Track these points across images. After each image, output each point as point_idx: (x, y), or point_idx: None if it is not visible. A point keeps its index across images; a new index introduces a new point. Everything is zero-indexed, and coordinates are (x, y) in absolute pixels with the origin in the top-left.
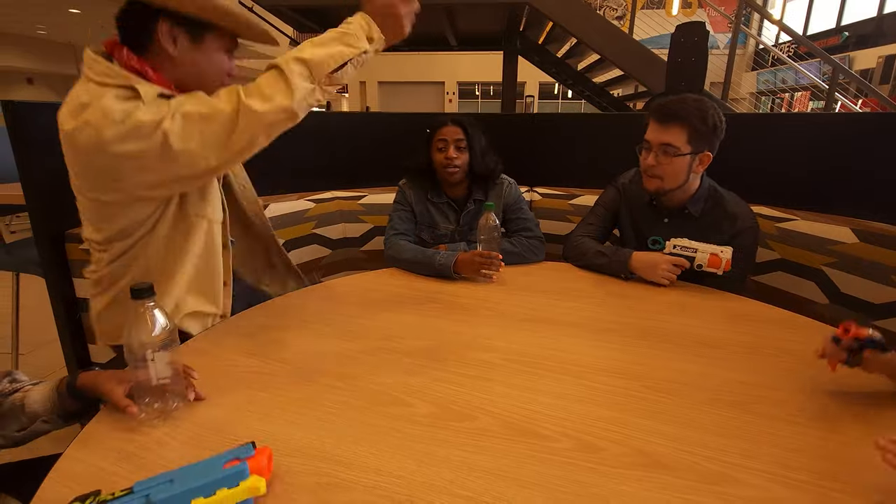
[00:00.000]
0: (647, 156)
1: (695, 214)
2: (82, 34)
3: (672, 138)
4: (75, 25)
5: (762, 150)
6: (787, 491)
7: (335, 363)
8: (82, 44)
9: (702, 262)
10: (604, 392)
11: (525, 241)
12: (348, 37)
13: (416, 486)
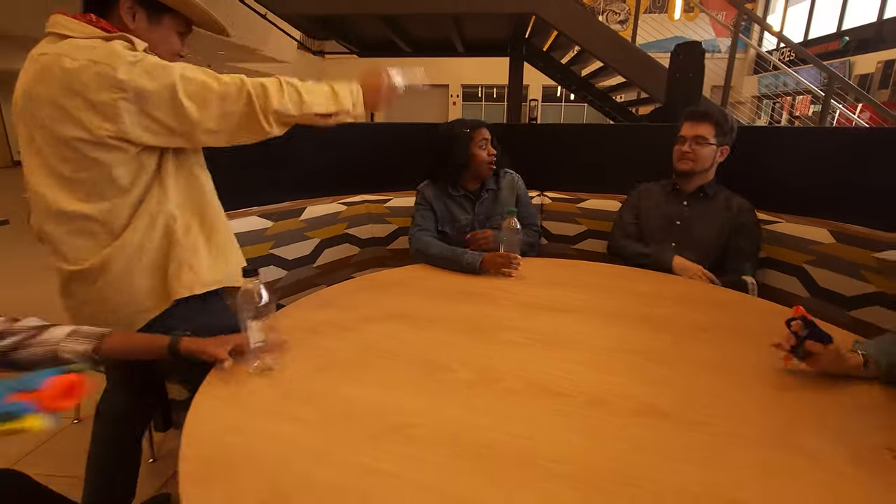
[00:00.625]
0: (683, 145)
1: (710, 195)
2: None
3: (703, 131)
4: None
5: (751, 159)
6: (743, 428)
7: (389, 340)
8: None
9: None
10: (610, 363)
11: (534, 233)
12: (339, 99)
13: (463, 427)
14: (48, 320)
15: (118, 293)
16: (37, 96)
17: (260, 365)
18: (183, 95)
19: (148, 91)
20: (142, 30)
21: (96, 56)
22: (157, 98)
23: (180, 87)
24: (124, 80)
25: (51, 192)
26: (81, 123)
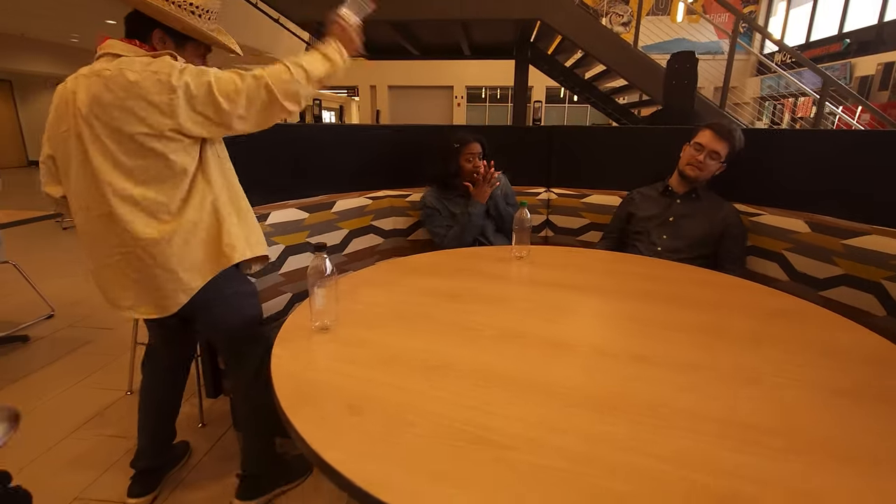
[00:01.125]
0: (699, 154)
1: (701, 197)
2: None
3: (720, 148)
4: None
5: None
6: (718, 369)
7: (420, 308)
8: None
9: None
10: (608, 325)
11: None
12: (330, 58)
13: (493, 367)
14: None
15: (179, 262)
16: (106, 103)
17: (321, 324)
18: (217, 92)
19: (192, 89)
20: (159, 48)
21: (153, 68)
22: (201, 94)
23: (214, 86)
24: (176, 84)
25: (118, 180)
26: (145, 121)
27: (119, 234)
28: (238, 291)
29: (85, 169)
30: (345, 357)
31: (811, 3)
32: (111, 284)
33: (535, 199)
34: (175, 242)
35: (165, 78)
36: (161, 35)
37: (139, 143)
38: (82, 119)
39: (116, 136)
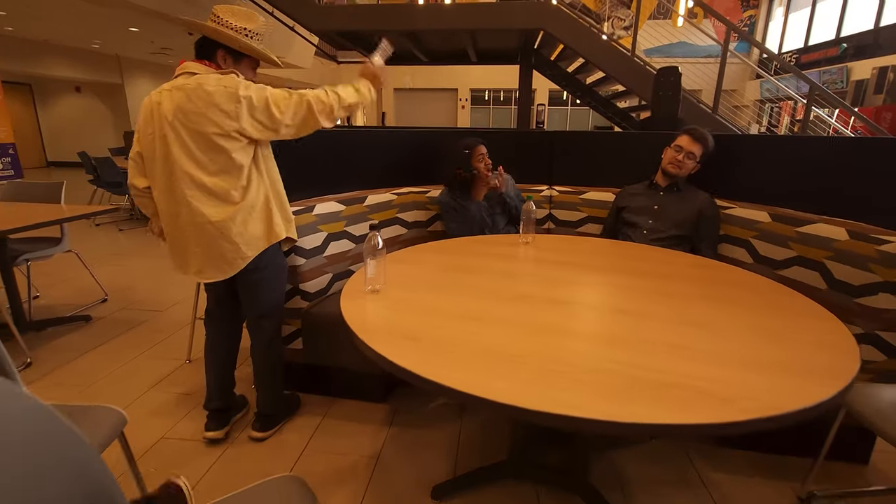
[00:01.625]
0: (678, 154)
1: (681, 189)
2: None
3: (695, 150)
4: (128, 41)
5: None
6: (678, 320)
7: (447, 280)
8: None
9: None
10: (598, 291)
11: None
12: (360, 92)
13: (514, 318)
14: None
15: (239, 237)
16: (188, 110)
17: (372, 287)
18: (272, 105)
19: (254, 101)
20: (230, 68)
21: (224, 83)
22: (260, 106)
23: (270, 100)
24: (242, 95)
25: (195, 171)
26: (216, 123)
27: (193, 213)
28: (279, 263)
29: (167, 163)
30: (396, 309)
31: (809, 7)
32: (183, 253)
33: (539, 195)
34: (237, 221)
35: (233, 91)
36: (223, 54)
37: (211, 141)
38: (167, 123)
39: (194, 136)
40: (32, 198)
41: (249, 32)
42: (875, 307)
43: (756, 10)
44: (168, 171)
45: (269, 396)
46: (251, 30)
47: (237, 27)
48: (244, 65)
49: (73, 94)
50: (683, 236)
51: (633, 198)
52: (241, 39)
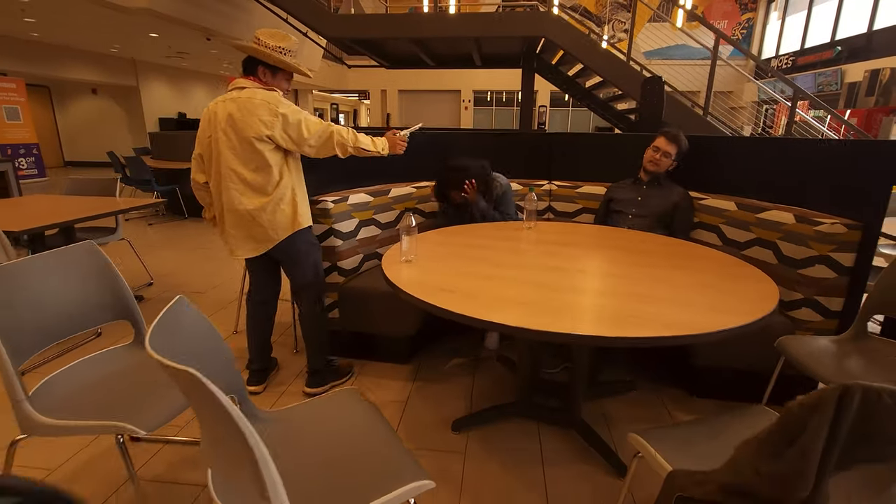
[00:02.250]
0: (655, 154)
1: (661, 184)
2: (149, 52)
3: (670, 150)
4: (146, 45)
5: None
6: (651, 282)
7: (465, 254)
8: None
9: None
10: (588, 260)
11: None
12: (376, 145)
13: (521, 280)
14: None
15: (269, 223)
16: (237, 118)
17: (406, 259)
18: (303, 126)
19: (288, 118)
20: (269, 80)
21: (267, 98)
22: (293, 124)
23: (303, 122)
24: (280, 112)
25: (239, 167)
26: (255, 129)
27: (234, 202)
28: (310, 242)
29: (219, 161)
30: (428, 272)
31: (806, 10)
32: (230, 236)
33: (540, 189)
34: (267, 210)
35: (274, 107)
36: (263, 69)
37: (251, 144)
38: (220, 129)
39: (240, 140)
40: (90, 192)
41: (283, 50)
42: (813, 276)
43: (754, 13)
44: (219, 168)
45: (315, 355)
46: (284, 47)
47: (273, 46)
48: (280, 77)
49: (89, 95)
50: (662, 223)
51: (620, 191)
52: (276, 56)
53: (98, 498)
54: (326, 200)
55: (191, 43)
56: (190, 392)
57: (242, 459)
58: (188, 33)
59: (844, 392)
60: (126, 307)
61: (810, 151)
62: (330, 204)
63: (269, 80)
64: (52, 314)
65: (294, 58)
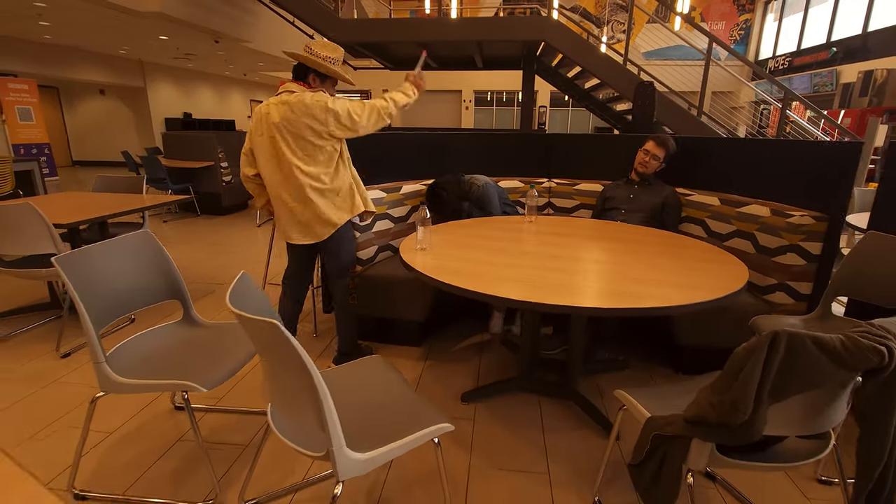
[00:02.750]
0: (645, 157)
1: (651, 183)
2: (157, 53)
3: (659, 153)
4: (154, 47)
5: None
6: (639, 266)
7: (473, 243)
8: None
9: None
10: (582, 248)
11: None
12: (409, 93)
13: (520, 262)
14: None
15: (326, 212)
16: (291, 119)
17: (421, 247)
18: (353, 113)
19: (338, 111)
20: (317, 85)
21: (317, 98)
22: (343, 115)
23: (351, 110)
24: (331, 107)
25: (297, 162)
26: (311, 128)
27: (294, 192)
28: (349, 235)
29: (277, 158)
30: (442, 258)
31: (802, 12)
32: (286, 223)
33: (540, 186)
34: (327, 197)
35: (324, 105)
36: (313, 76)
37: (308, 140)
38: (275, 128)
39: (295, 138)
40: (118, 189)
41: (332, 59)
42: (785, 263)
43: (752, 14)
44: (278, 164)
45: (346, 338)
46: (334, 58)
47: (324, 56)
48: (328, 83)
49: (97, 96)
50: (652, 219)
51: (614, 189)
52: (326, 65)
53: (156, 453)
54: None
55: (199, 45)
56: (266, 342)
57: (306, 399)
58: (197, 35)
59: (774, 338)
60: (177, 288)
61: (783, 151)
62: None
63: (318, 85)
64: (119, 291)
65: (341, 66)
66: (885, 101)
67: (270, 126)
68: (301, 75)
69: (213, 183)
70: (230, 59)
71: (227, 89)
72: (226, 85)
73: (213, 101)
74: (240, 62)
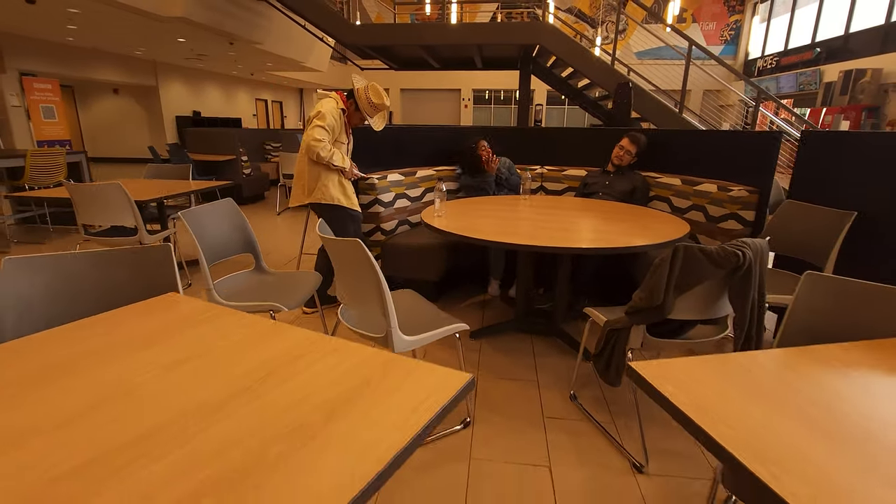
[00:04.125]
0: (620, 151)
1: (624, 172)
2: (171, 54)
3: (632, 149)
4: (169, 48)
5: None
6: (608, 226)
7: (480, 213)
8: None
9: None
10: (570, 218)
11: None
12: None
13: (517, 227)
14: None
15: (333, 192)
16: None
17: (438, 213)
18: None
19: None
20: (351, 111)
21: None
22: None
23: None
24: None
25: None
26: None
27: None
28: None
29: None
30: (455, 221)
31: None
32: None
33: (534, 172)
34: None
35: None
36: (351, 102)
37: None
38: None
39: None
40: (168, 176)
41: (372, 103)
42: (727, 228)
43: (742, 14)
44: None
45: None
46: (374, 103)
47: (367, 98)
48: (357, 115)
49: (111, 95)
50: (623, 201)
51: (593, 177)
52: (364, 104)
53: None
54: (373, 178)
55: (213, 46)
56: (348, 255)
57: (374, 294)
58: (213, 38)
59: (675, 250)
60: (251, 243)
61: (725, 140)
62: (375, 180)
63: (351, 111)
64: (217, 241)
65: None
66: (863, 100)
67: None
68: (349, 95)
69: (234, 175)
70: (240, 59)
71: (234, 88)
72: (233, 84)
73: (221, 99)
74: (249, 62)
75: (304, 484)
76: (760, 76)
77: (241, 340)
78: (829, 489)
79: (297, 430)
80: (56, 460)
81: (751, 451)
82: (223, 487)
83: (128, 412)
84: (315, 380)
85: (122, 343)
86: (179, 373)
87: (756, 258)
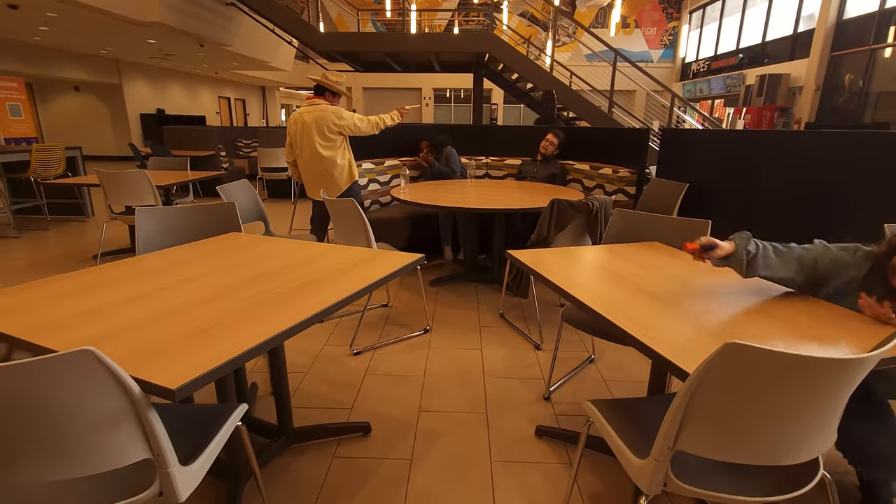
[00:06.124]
0: (545, 143)
1: (548, 161)
2: (136, 53)
3: (555, 141)
4: (135, 48)
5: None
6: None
7: (445, 189)
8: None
9: None
10: (505, 190)
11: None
12: (393, 119)
13: (472, 194)
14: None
15: (339, 178)
16: (316, 121)
17: (404, 191)
18: (358, 122)
19: (348, 122)
20: (331, 99)
21: (333, 109)
22: (349, 122)
23: (357, 121)
24: (344, 116)
25: (321, 148)
26: (330, 127)
27: (319, 167)
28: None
29: (308, 146)
30: (418, 194)
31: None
32: (312, 188)
33: (480, 161)
34: (338, 169)
35: (339, 114)
36: (329, 94)
37: (326, 134)
38: (307, 126)
39: (320, 132)
40: (167, 168)
41: (339, 83)
42: (617, 200)
43: (679, 21)
44: (309, 149)
45: None
46: (340, 82)
47: (336, 81)
48: (336, 98)
49: (71, 93)
50: (548, 182)
51: (526, 165)
52: (337, 87)
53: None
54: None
55: (183, 47)
56: (344, 210)
57: (361, 232)
58: (184, 40)
59: (552, 202)
60: (261, 213)
61: (615, 134)
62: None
63: (331, 99)
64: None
65: (344, 86)
66: (776, 101)
67: (305, 125)
68: (321, 93)
69: (213, 169)
70: (207, 59)
71: (197, 86)
72: (196, 82)
73: (184, 97)
74: (215, 62)
75: (295, 309)
76: (695, 78)
77: (280, 250)
78: (642, 320)
79: (305, 286)
80: (198, 313)
81: (592, 297)
82: (278, 302)
83: (216, 283)
84: (326, 266)
85: (206, 254)
86: (244, 266)
87: (602, 208)
